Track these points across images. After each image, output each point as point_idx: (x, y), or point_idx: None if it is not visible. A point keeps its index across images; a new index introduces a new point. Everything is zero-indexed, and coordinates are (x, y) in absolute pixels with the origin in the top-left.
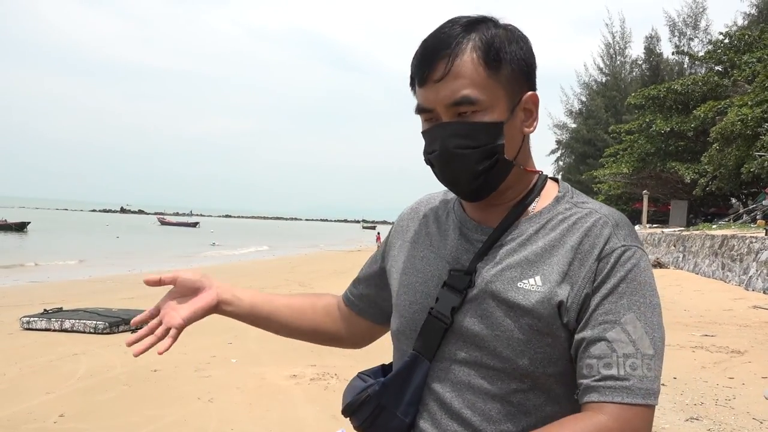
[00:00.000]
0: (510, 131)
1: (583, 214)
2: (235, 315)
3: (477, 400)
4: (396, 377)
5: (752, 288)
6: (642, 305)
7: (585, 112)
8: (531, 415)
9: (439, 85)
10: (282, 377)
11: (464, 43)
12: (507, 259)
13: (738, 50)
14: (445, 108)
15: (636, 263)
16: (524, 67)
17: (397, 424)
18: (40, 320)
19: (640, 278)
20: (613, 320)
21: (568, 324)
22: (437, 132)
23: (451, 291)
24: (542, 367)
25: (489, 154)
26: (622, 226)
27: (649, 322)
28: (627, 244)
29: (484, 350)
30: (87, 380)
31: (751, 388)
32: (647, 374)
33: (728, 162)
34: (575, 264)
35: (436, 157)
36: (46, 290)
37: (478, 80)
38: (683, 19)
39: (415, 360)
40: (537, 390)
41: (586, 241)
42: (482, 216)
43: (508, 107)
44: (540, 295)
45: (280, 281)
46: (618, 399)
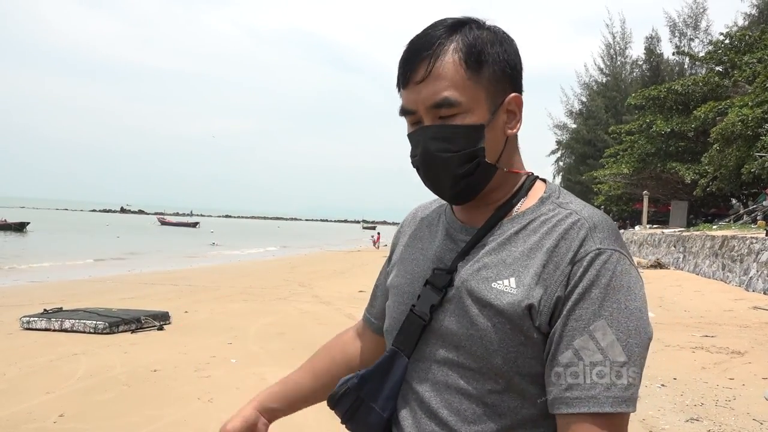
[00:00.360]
0: (492, 134)
1: (563, 216)
2: (285, 415)
3: (454, 400)
4: (374, 371)
5: (752, 289)
6: (615, 311)
7: (585, 113)
8: (506, 416)
9: (421, 87)
10: (282, 377)
11: (446, 44)
12: (485, 258)
13: (738, 51)
14: (425, 110)
15: (611, 267)
16: (507, 69)
17: (376, 417)
18: (39, 320)
19: (614, 283)
20: (582, 327)
21: (540, 327)
22: (419, 135)
23: (432, 289)
24: (516, 367)
25: (469, 158)
26: (601, 229)
27: (622, 328)
28: (602, 247)
29: (461, 349)
30: (87, 380)
31: (752, 388)
32: (616, 382)
33: (729, 162)
34: (550, 267)
35: (419, 161)
36: (45, 290)
37: (459, 82)
38: (683, 20)
39: (394, 355)
40: (512, 391)
41: (563, 244)
42: (468, 217)
43: (490, 109)
44: (512, 297)
45: (280, 281)
46: (585, 409)
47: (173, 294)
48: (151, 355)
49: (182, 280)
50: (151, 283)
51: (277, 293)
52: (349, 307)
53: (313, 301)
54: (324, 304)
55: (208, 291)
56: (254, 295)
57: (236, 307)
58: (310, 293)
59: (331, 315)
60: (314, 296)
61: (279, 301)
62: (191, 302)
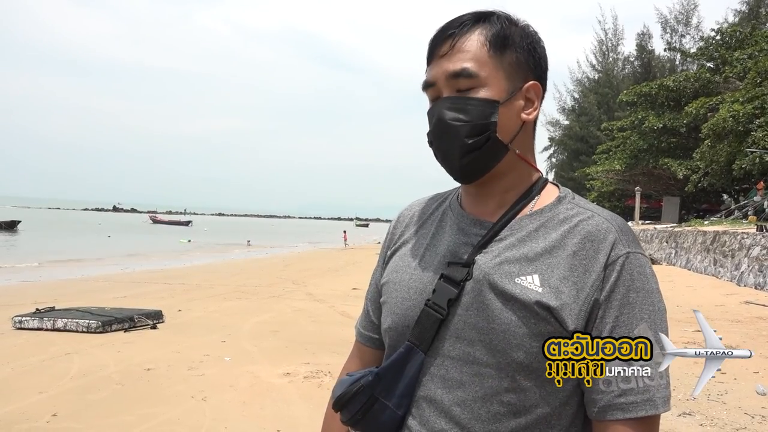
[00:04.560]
0: (506, 113)
1: (585, 217)
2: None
3: (467, 398)
4: (390, 368)
5: (744, 283)
6: (652, 313)
7: (578, 109)
8: (521, 416)
9: (443, 60)
10: (275, 375)
11: (474, 26)
12: (506, 253)
13: (729, 47)
14: (445, 80)
15: (642, 270)
16: (530, 59)
17: (390, 416)
18: (32, 319)
19: (647, 286)
20: (627, 332)
21: (575, 330)
22: (436, 107)
23: (449, 283)
24: (537, 362)
25: (480, 130)
26: (625, 232)
27: (659, 328)
28: (632, 251)
29: (478, 345)
30: (80, 379)
31: (743, 383)
32: (661, 382)
33: (720, 158)
34: (579, 270)
35: (432, 131)
36: (38, 289)
37: (481, 57)
38: (675, 16)
39: (410, 351)
40: (528, 390)
41: (589, 246)
42: (479, 210)
43: (508, 90)
44: (537, 295)
45: (274, 279)
46: (642, 413)
47: (166, 293)
48: (145, 353)
49: (175, 278)
50: (144, 281)
51: (271, 291)
52: (343, 304)
53: (306, 298)
54: (318, 301)
55: (202, 289)
56: (248, 293)
57: (230, 306)
58: (303, 291)
59: (325, 312)
60: (308, 294)
61: (273, 299)
62: (184, 301)
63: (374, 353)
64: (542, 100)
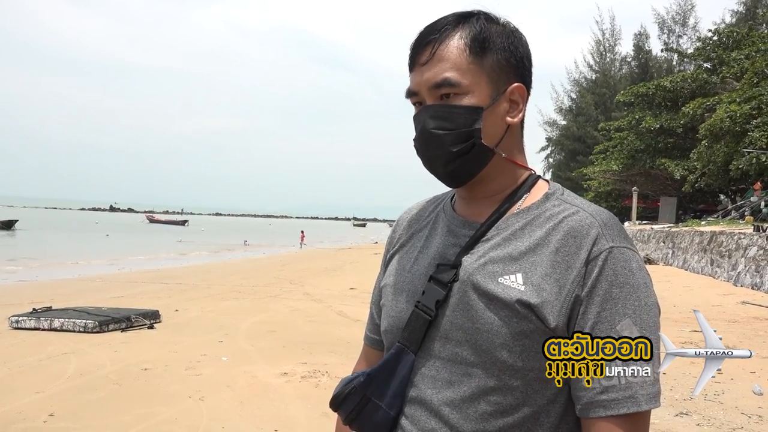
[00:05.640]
0: (491, 118)
1: (570, 213)
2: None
3: (455, 398)
4: (381, 369)
5: (741, 284)
6: (637, 308)
7: (575, 109)
8: (509, 414)
9: (425, 68)
10: (273, 375)
11: (453, 30)
12: (490, 253)
13: (726, 47)
14: (427, 90)
15: (627, 265)
16: (512, 60)
17: (382, 416)
18: (29, 319)
19: (632, 281)
20: (609, 328)
21: (556, 327)
22: (420, 115)
23: (437, 284)
24: (521, 361)
25: (465, 138)
26: (610, 226)
27: (644, 325)
28: (615, 245)
29: (465, 345)
30: (77, 379)
31: (740, 383)
32: (646, 378)
33: (717, 159)
34: (561, 266)
35: (417, 139)
36: (34, 289)
37: (461, 64)
38: (672, 17)
39: (401, 352)
40: (516, 390)
41: (572, 242)
42: (469, 212)
43: (491, 95)
44: (518, 293)
45: (271, 279)
46: (623, 410)
47: (163, 292)
48: (142, 353)
49: (172, 278)
50: (141, 281)
51: (268, 291)
52: (341, 304)
53: (304, 298)
54: (315, 301)
55: (199, 289)
56: (244, 293)
57: (227, 305)
58: (300, 291)
59: (322, 312)
60: (305, 294)
61: (270, 299)
62: (181, 300)
63: (380, 356)
64: (527, 101)
